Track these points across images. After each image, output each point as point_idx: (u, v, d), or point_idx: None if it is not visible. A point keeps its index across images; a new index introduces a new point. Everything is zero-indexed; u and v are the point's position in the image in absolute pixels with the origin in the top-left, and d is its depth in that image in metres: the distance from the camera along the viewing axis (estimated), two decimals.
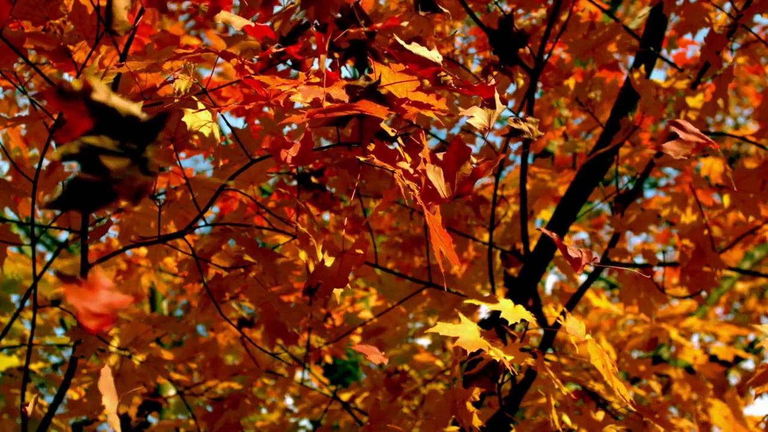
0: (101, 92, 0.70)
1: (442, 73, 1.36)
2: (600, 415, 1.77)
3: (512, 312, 1.30)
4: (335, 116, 1.22)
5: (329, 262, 1.26)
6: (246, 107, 1.32)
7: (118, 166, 0.69)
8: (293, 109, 1.37)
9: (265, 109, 2.73)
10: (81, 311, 0.74)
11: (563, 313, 1.36)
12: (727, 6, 2.90)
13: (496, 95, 1.34)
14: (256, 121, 2.77)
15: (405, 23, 2.05)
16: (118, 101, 0.72)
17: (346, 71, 1.93)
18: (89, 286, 0.75)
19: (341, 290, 1.29)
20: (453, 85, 1.36)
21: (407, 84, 1.28)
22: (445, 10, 1.61)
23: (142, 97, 1.42)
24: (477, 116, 1.33)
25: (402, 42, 1.32)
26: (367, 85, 1.25)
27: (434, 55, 1.35)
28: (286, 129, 2.53)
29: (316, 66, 1.36)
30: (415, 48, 1.34)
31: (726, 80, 2.24)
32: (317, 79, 1.26)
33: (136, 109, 0.72)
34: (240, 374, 2.96)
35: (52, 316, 3.64)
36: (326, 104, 1.22)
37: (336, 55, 1.86)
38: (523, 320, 1.33)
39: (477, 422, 1.36)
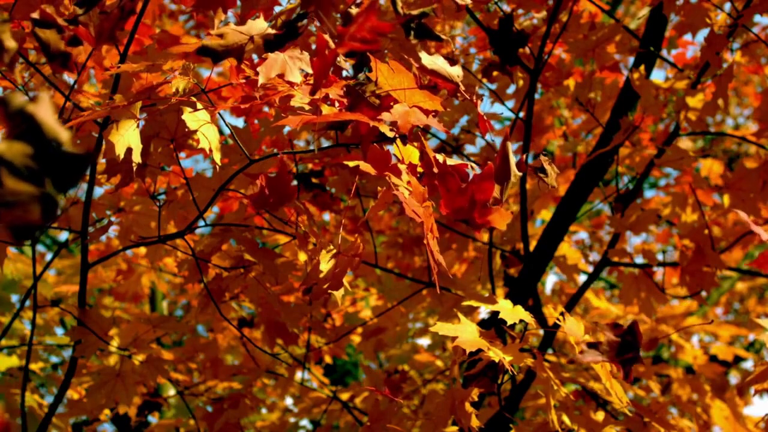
0: (36, 107, 0.60)
1: (462, 89, 1.33)
2: (600, 416, 1.77)
3: (511, 312, 1.30)
4: (332, 121, 1.22)
5: (324, 263, 1.26)
6: (242, 107, 1.31)
7: (16, 189, 0.58)
8: (293, 109, 1.37)
9: (265, 108, 2.73)
10: None
11: (562, 314, 1.36)
12: (727, 6, 2.90)
13: (512, 160, 1.31)
14: (256, 121, 2.77)
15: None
16: (49, 121, 0.60)
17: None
18: None
19: (341, 291, 1.29)
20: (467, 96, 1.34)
21: (405, 83, 1.28)
22: (444, 37, 1.51)
23: (141, 97, 1.42)
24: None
25: (425, 54, 1.29)
26: (364, 87, 1.25)
27: (455, 72, 1.32)
28: (286, 129, 2.53)
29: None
30: (437, 62, 1.31)
31: (726, 80, 2.24)
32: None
33: (66, 137, 0.61)
34: (240, 374, 2.96)
35: (52, 316, 3.64)
36: (324, 107, 1.22)
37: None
38: (522, 320, 1.33)
39: (475, 423, 1.36)
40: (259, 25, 1.34)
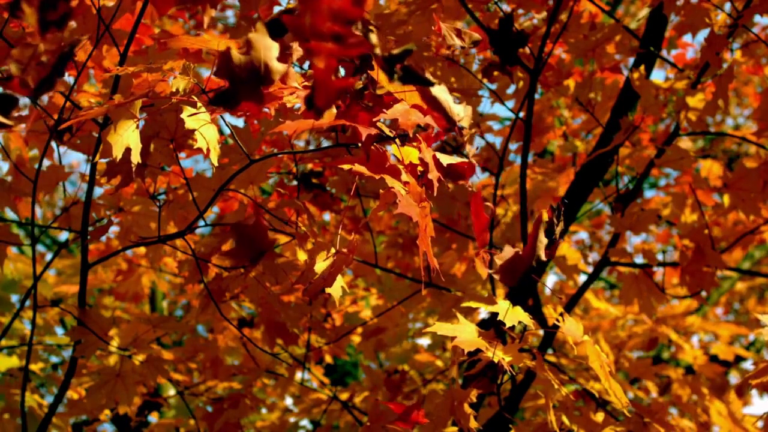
0: None
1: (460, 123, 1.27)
2: (600, 416, 1.77)
3: (510, 313, 1.30)
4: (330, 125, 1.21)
5: (320, 263, 1.26)
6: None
7: None
8: (293, 109, 1.37)
9: (265, 108, 2.72)
10: None
11: (561, 314, 1.36)
12: (728, 6, 2.90)
13: (541, 246, 1.27)
14: (256, 121, 2.77)
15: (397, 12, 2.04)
16: None
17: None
18: None
19: (339, 291, 1.29)
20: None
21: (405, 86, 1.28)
22: (434, 80, 1.25)
23: (140, 96, 1.42)
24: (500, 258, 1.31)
25: (433, 82, 1.20)
26: (362, 87, 1.24)
27: (458, 111, 1.27)
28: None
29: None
30: (442, 93, 1.24)
31: (726, 80, 2.24)
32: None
33: None
34: (240, 374, 2.96)
35: (52, 316, 3.64)
36: None
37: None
38: (521, 321, 1.33)
39: (474, 424, 1.36)
40: (267, 52, 1.14)
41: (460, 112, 1.27)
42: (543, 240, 1.26)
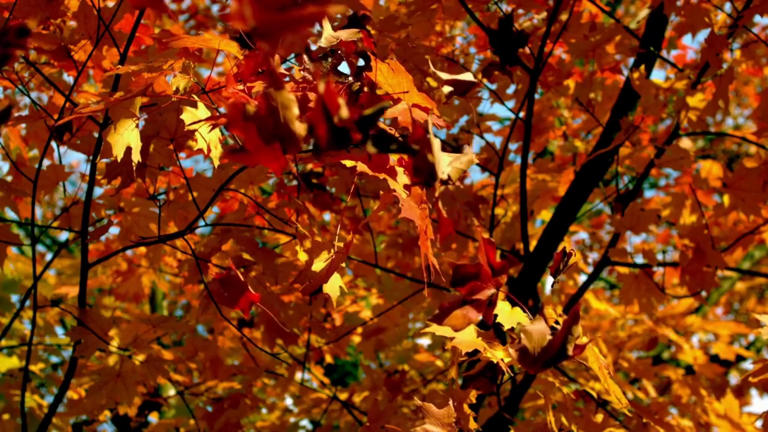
0: None
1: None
2: (600, 417, 1.77)
3: (509, 314, 1.30)
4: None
5: (318, 263, 1.26)
6: None
7: None
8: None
9: None
10: None
11: (561, 315, 1.35)
12: (728, 6, 2.90)
13: (570, 343, 1.23)
14: None
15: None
16: None
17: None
18: None
19: (337, 291, 1.29)
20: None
21: (404, 84, 1.28)
22: (415, 147, 1.07)
23: (139, 93, 1.42)
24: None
25: (414, 150, 1.08)
26: (359, 86, 1.24)
27: (442, 170, 1.16)
28: None
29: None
30: (436, 148, 1.15)
31: (727, 81, 2.24)
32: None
33: None
34: (240, 374, 2.96)
35: (52, 316, 3.64)
36: None
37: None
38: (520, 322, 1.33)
39: (473, 425, 1.36)
40: (286, 111, 0.94)
41: (445, 170, 1.16)
42: (576, 333, 1.20)
